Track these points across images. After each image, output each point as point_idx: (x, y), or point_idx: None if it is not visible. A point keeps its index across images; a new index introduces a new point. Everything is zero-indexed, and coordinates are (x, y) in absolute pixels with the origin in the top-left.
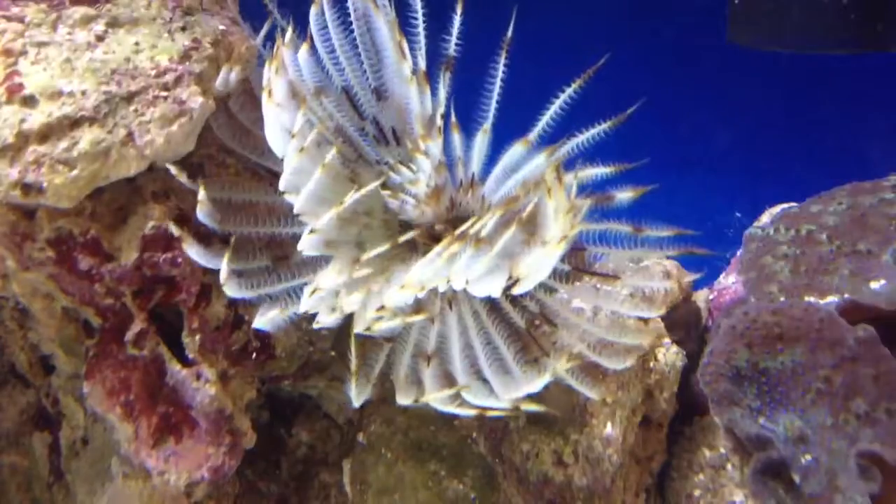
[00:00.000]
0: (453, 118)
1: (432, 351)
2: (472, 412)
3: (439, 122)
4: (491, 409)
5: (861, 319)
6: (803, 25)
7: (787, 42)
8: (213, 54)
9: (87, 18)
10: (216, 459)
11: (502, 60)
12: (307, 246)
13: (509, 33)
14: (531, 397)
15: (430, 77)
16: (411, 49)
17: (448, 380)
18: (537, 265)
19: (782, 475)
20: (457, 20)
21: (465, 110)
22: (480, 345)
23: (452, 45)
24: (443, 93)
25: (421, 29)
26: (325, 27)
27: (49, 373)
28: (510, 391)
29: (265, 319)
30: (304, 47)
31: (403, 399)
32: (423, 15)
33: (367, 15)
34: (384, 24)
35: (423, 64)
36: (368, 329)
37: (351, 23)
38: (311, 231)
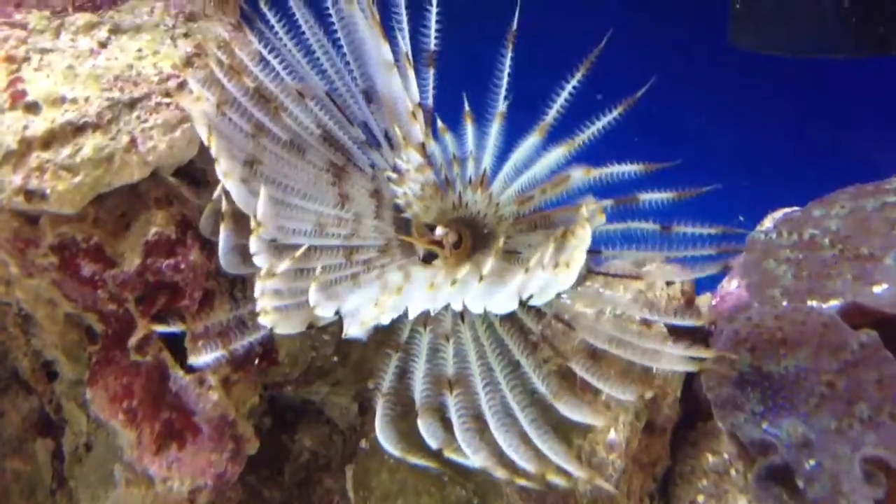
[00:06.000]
0: (467, 108)
1: (453, 376)
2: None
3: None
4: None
5: (864, 323)
6: (804, 29)
7: (789, 46)
8: (219, 58)
9: (89, 25)
10: (219, 466)
11: (509, 55)
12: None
13: (513, 26)
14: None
15: (416, 73)
16: (394, 43)
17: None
18: (552, 287)
19: (786, 480)
20: (433, 11)
21: (476, 110)
22: (503, 376)
23: (432, 40)
24: (430, 86)
25: (405, 21)
26: (299, 27)
27: (52, 379)
28: (549, 446)
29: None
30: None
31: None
32: (408, 9)
33: (346, 12)
34: (360, 15)
35: (406, 49)
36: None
37: (332, 23)
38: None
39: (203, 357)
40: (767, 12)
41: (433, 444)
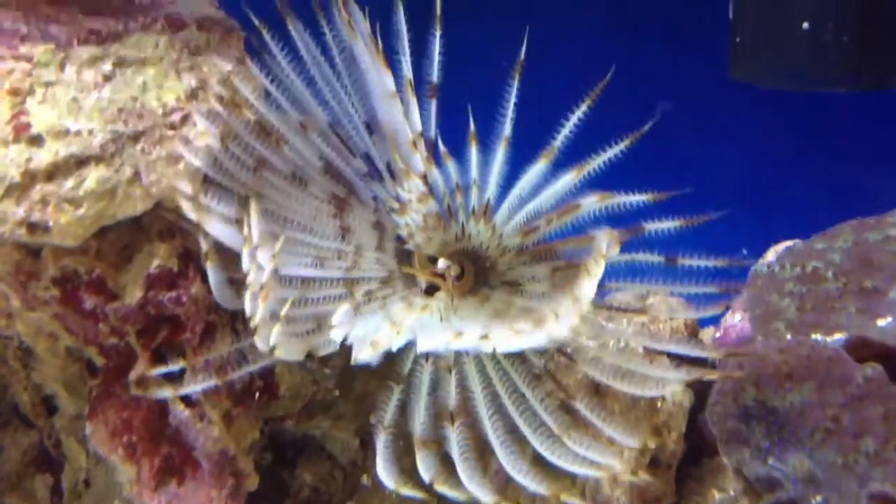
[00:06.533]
0: (473, 129)
1: (455, 408)
2: None
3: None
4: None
5: (868, 356)
6: (804, 64)
7: (789, 80)
8: (220, 94)
9: (94, 58)
10: (219, 502)
11: (515, 85)
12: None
13: (521, 56)
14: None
15: (419, 104)
16: (397, 72)
17: (479, 444)
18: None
19: None
20: (436, 44)
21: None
22: (510, 402)
23: (435, 70)
24: (433, 116)
25: (407, 50)
26: (302, 58)
27: (51, 413)
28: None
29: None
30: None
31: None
32: (411, 41)
33: (348, 42)
34: (361, 45)
35: (409, 77)
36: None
37: (333, 56)
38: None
39: (193, 385)
40: (767, 46)
41: (426, 476)
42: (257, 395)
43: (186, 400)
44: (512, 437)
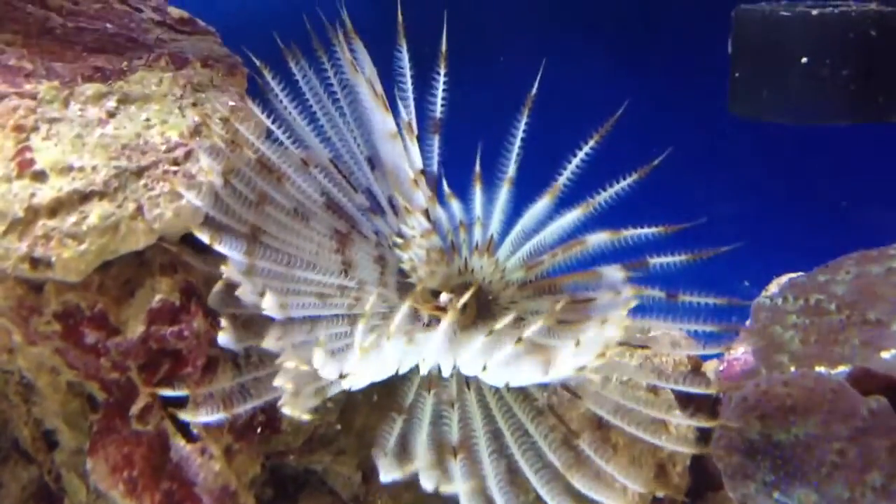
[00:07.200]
0: (478, 170)
1: (458, 443)
2: None
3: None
4: None
5: (872, 388)
6: (803, 98)
7: (788, 114)
8: (222, 132)
9: (98, 95)
10: None
11: (524, 120)
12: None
13: (533, 91)
14: None
15: (420, 139)
16: (398, 111)
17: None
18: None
19: None
20: (441, 80)
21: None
22: (513, 440)
23: (438, 107)
24: (435, 152)
25: (409, 89)
26: (303, 94)
27: (52, 448)
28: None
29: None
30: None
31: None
32: (414, 78)
33: (351, 80)
34: (363, 83)
35: (409, 119)
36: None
37: (335, 91)
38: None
39: (203, 416)
40: (766, 81)
41: (429, 486)
42: (259, 429)
43: (188, 435)
44: (511, 478)
